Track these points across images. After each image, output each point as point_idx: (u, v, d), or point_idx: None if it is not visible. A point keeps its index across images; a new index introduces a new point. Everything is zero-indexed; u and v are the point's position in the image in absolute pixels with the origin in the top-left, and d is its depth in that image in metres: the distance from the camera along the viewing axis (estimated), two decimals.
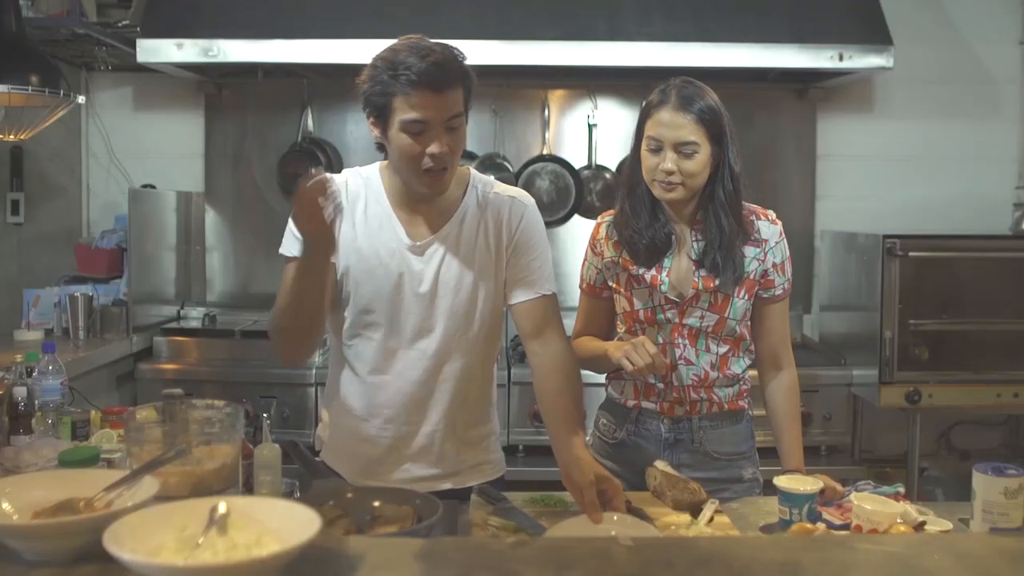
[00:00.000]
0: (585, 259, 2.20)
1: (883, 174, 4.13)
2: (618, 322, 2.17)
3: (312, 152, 3.99)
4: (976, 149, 4.12)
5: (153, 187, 3.95)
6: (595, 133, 4.02)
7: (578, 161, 4.04)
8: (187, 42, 3.40)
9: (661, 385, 2.07)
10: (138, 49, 3.41)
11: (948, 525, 1.71)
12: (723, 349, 2.08)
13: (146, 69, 3.66)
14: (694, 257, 2.04)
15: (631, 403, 2.13)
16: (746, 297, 2.06)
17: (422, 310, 1.91)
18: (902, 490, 1.88)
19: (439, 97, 1.76)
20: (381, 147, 1.91)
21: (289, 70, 3.83)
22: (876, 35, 3.49)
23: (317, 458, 2.00)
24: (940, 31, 4.06)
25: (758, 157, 3.94)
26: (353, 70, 4.21)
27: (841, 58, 3.43)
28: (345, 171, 2.03)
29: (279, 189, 4.05)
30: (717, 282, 2.02)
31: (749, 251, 2.05)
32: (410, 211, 1.93)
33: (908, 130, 4.11)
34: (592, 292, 2.19)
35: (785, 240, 2.10)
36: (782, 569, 1.23)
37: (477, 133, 4.03)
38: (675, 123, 1.95)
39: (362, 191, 1.96)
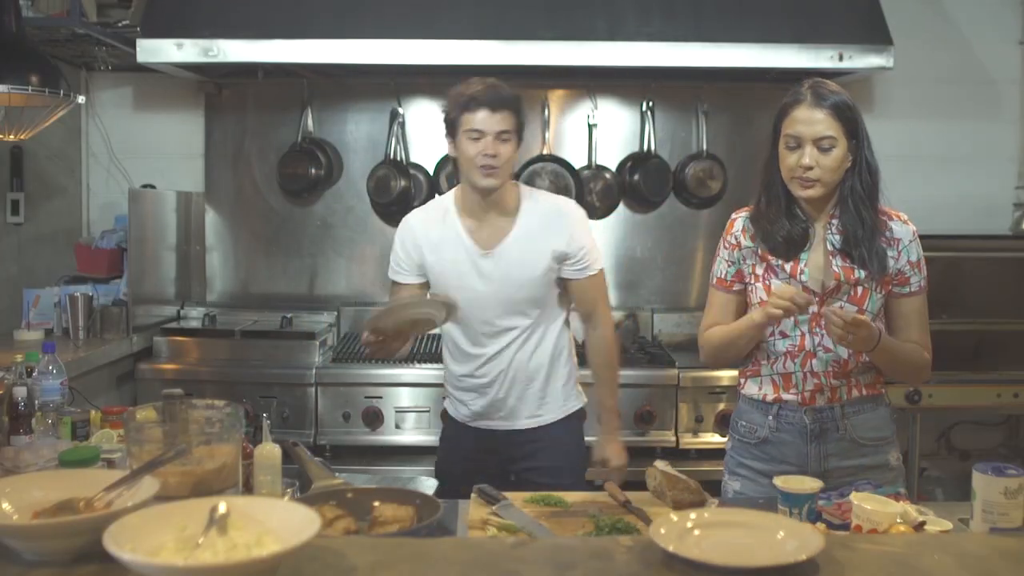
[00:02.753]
0: (717, 254, 2.23)
1: (883, 174, 4.11)
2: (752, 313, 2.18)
3: (312, 152, 3.99)
4: (976, 149, 4.11)
5: (153, 187, 3.95)
6: (595, 133, 4.02)
7: (578, 161, 4.04)
8: (187, 42, 3.40)
9: (800, 374, 2.09)
10: (138, 49, 3.40)
11: (948, 525, 1.71)
12: None
13: (146, 69, 3.65)
14: (835, 248, 2.08)
15: (770, 398, 2.13)
16: (882, 292, 2.09)
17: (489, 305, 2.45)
18: (902, 490, 1.88)
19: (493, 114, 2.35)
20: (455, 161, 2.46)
21: (289, 70, 3.83)
22: (876, 35, 3.48)
23: (317, 459, 2.00)
24: (940, 31, 4.06)
25: (758, 157, 3.93)
26: (353, 70, 4.22)
27: (841, 58, 3.43)
28: (428, 205, 2.64)
29: (279, 189, 4.05)
30: (859, 274, 2.05)
31: (885, 249, 2.08)
32: (480, 224, 2.46)
33: (908, 130, 4.11)
34: (723, 286, 2.22)
35: (918, 240, 2.13)
36: (783, 569, 1.23)
37: None
38: (812, 119, 2.02)
39: (440, 216, 2.50)
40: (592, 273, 2.48)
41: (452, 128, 2.38)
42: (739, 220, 2.20)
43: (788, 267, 2.10)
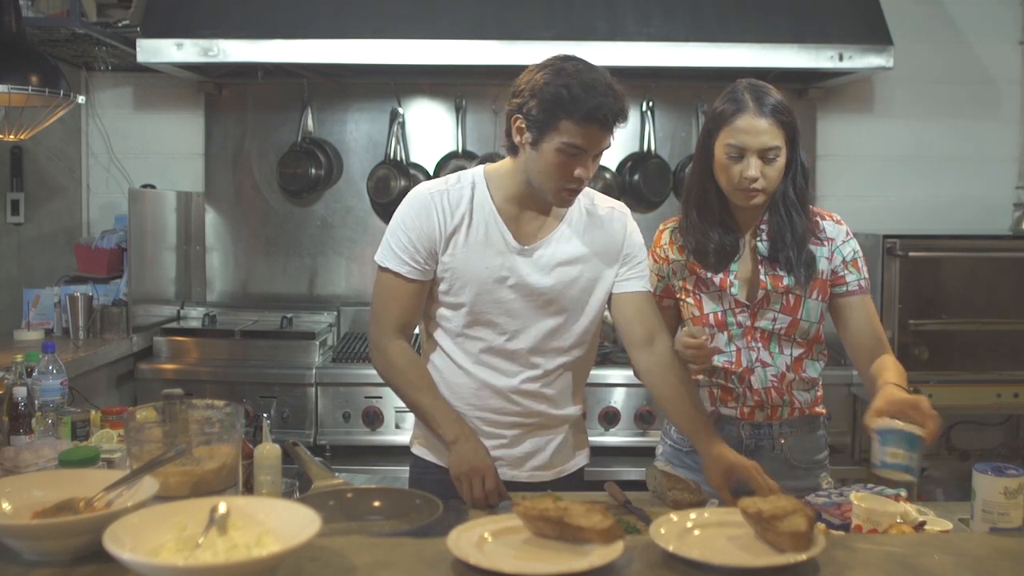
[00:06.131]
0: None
1: (883, 174, 4.13)
2: (684, 328, 2.08)
3: (312, 152, 3.99)
4: (976, 149, 4.12)
5: (153, 187, 3.95)
6: None
7: None
8: (187, 42, 3.40)
9: (739, 390, 2.04)
10: (138, 49, 3.41)
11: (948, 525, 1.71)
12: (798, 351, 2.04)
13: (146, 69, 3.66)
14: (763, 255, 2.01)
15: (708, 409, 2.06)
16: (819, 298, 2.02)
17: (527, 309, 2.00)
18: (903, 492, 1.87)
19: (605, 133, 1.88)
20: (513, 148, 1.97)
21: (289, 70, 3.83)
22: (876, 35, 3.48)
23: (317, 459, 2.00)
24: (940, 31, 4.06)
25: None
26: (353, 70, 4.21)
27: (841, 58, 3.43)
28: (444, 178, 2.06)
29: (279, 189, 4.05)
30: (787, 281, 1.99)
31: (816, 251, 2.01)
32: (518, 213, 2.01)
33: (908, 130, 4.11)
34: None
35: (854, 240, 2.05)
36: (782, 569, 1.23)
37: (477, 133, 4.03)
38: (757, 129, 1.91)
39: (467, 194, 2.01)
40: (651, 288, 2.09)
41: (539, 126, 1.87)
42: (667, 232, 2.12)
43: (717, 280, 2.02)
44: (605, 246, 2.04)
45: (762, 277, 2.00)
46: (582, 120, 1.83)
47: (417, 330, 2.14)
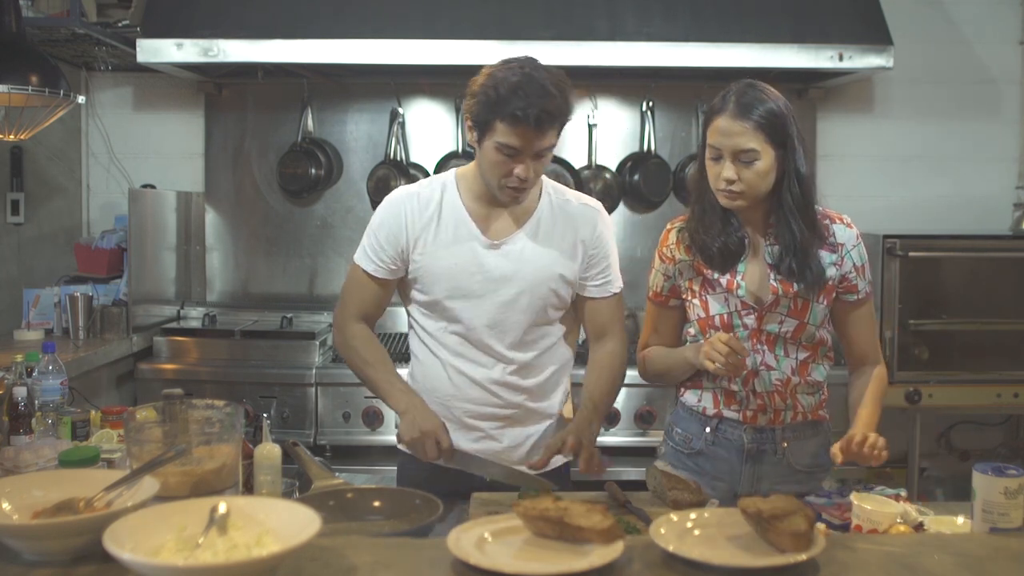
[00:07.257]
0: (653, 266, 2.14)
1: (883, 174, 4.13)
2: (690, 329, 2.09)
3: (312, 152, 3.99)
4: (976, 149, 4.12)
5: (153, 187, 3.95)
6: (595, 133, 4.02)
7: (578, 161, 4.03)
8: (187, 42, 3.40)
9: (743, 393, 2.02)
10: (138, 49, 3.41)
11: (955, 522, 1.71)
12: (803, 355, 2.02)
13: (146, 69, 3.66)
14: (770, 261, 1.98)
15: (710, 412, 2.06)
16: (824, 303, 2.00)
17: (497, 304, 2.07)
18: (903, 493, 1.88)
19: (537, 133, 1.93)
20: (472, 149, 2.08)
21: (289, 70, 3.83)
22: (876, 35, 3.48)
23: (317, 459, 2.00)
24: (940, 31, 4.06)
25: None
26: (353, 70, 4.20)
27: (841, 58, 3.43)
28: (419, 182, 2.20)
29: (279, 189, 4.05)
30: (796, 287, 1.96)
31: (825, 256, 1.98)
32: (487, 212, 2.09)
33: (908, 130, 4.11)
34: (658, 300, 2.12)
35: (863, 244, 2.04)
36: (782, 569, 1.23)
37: None
38: (732, 131, 1.89)
39: (436, 195, 2.11)
40: (615, 291, 2.16)
41: (479, 126, 1.97)
42: (673, 231, 2.10)
43: (724, 281, 1.99)
44: (572, 243, 2.10)
45: (772, 281, 1.97)
46: (510, 121, 1.90)
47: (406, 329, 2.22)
